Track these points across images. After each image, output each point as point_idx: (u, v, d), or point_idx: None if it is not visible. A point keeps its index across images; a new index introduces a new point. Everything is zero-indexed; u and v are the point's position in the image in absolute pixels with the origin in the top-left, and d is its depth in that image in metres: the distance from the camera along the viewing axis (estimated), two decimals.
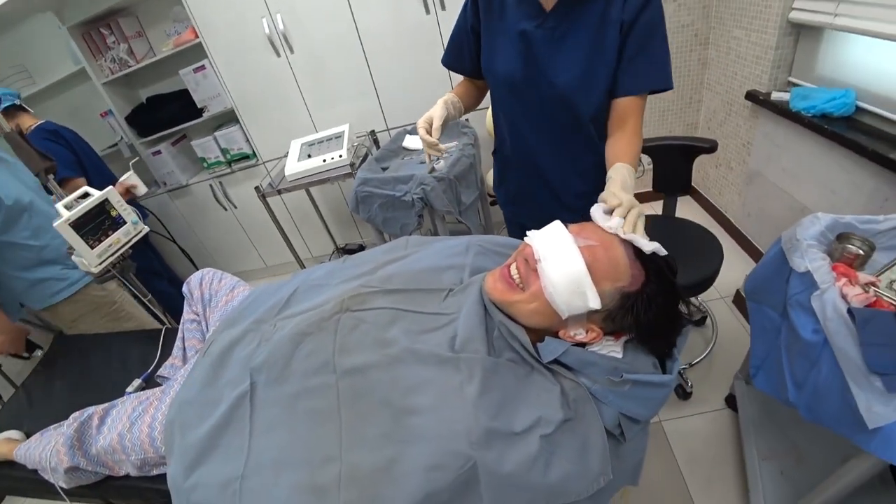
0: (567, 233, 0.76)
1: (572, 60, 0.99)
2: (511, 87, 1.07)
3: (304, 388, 0.79)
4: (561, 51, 0.99)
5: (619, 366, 0.75)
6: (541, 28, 0.98)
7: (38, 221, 1.60)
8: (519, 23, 1.00)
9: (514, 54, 1.02)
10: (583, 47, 0.97)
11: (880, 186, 1.43)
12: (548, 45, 0.99)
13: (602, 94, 1.01)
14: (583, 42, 0.97)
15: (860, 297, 0.91)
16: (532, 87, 1.04)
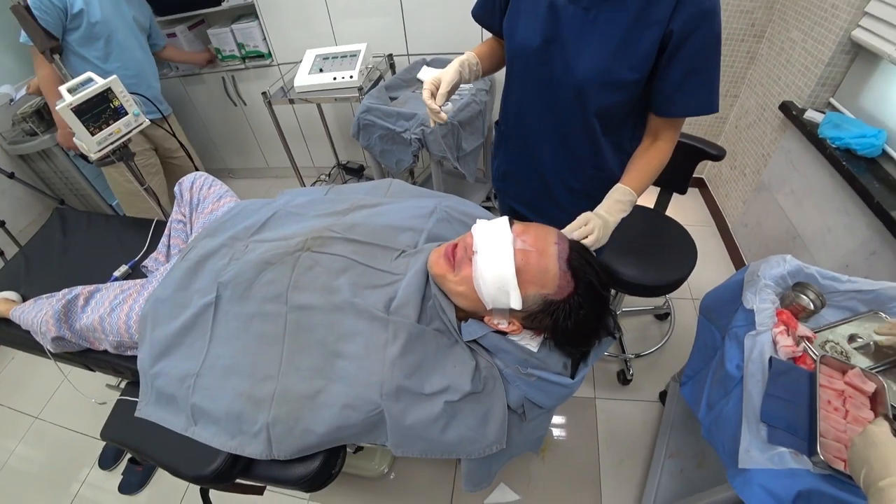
0: (509, 232, 0.80)
1: (597, 49, 0.87)
2: (525, 61, 0.98)
3: (259, 311, 0.91)
4: (588, 35, 0.88)
5: (529, 359, 0.83)
6: (573, 4, 0.87)
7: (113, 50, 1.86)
8: None
9: (537, 25, 0.91)
10: (613, 39, 0.86)
11: (872, 238, 1.42)
12: (576, 25, 0.88)
13: (617, 93, 0.92)
14: (614, 33, 0.85)
15: (788, 349, 0.95)
16: (546, 65, 0.94)
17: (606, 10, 0.85)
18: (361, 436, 0.83)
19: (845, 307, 1.07)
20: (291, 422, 0.82)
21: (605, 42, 0.87)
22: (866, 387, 0.87)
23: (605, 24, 0.86)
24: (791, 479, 0.78)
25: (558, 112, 1.00)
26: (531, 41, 0.93)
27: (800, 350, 0.95)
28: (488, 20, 1.07)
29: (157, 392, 0.96)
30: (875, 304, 1.05)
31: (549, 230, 0.83)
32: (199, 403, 0.89)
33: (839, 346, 1.00)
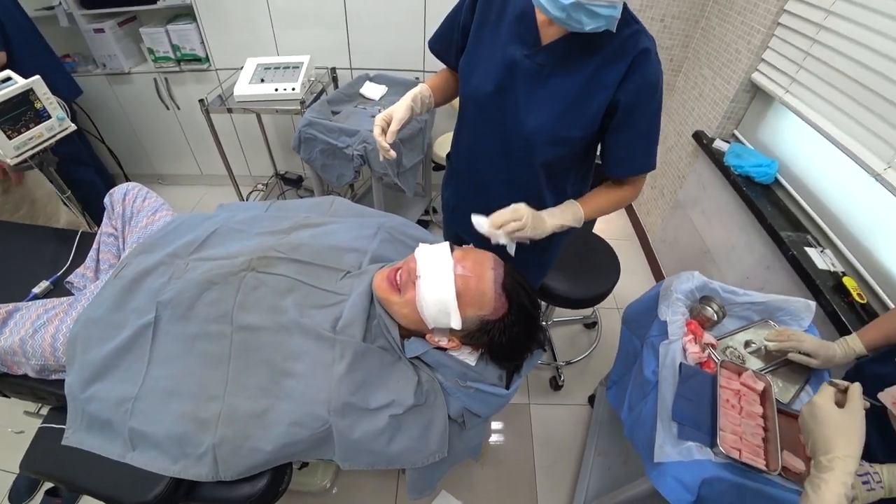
0: (450, 258, 0.85)
1: (547, 107, 0.91)
2: (478, 105, 0.99)
3: (203, 332, 0.90)
4: (540, 91, 0.91)
5: (467, 372, 0.90)
6: (529, 59, 0.89)
7: None
8: (510, 45, 0.91)
9: (493, 75, 0.93)
10: (563, 98, 0.90)
11: (766, 254, 1.62)
12: (530, 80, 0.91)
13: (563, 148, 0.96)
14: (565, 93, 0.89)
15: (695, 355, 1.08)
16: (498, 113, 0.96)
17: (560, 70, 0.89)
18: (309, 452, 0.85)
19: (742, 316, 1.23)
20: (238, 441, 0.82)
21: (556, 100, 0.90)
22: (757, 386, 1.01)
23: (556, 83, 0.90)
24: (697, 469, 0.90)
25: (507, 158, 1.02)
26: (485, 87, 0.95)
27: (705, 356, 1.09)
28: (445, 55, 1.08)
29: (89, 418, 0.90)
30: (766, 314, 1.22)
31: (487, 256, 0.89)
32: (139, 427, 0.86)
33: (737, 350, 1.15)
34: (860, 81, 1.33)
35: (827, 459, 0.65)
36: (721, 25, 1.99)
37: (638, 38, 0.84)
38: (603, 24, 0.76)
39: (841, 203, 1.47)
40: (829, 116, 1.46)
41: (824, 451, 0.67)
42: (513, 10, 0.90)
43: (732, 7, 1.91)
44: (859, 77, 1.34)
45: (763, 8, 1.72)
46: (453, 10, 1.02)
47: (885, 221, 1.32)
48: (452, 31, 1.02)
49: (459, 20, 1.00)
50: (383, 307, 0.90)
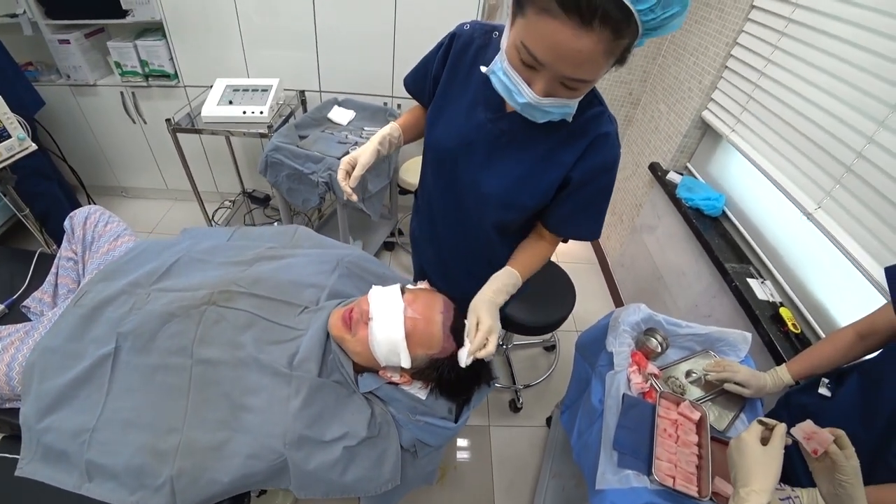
0: (400, 301, 0.90)
1: (503, 173, 0.91)
2: (438, 159, 0.99)
3: (162, 364, 0.91)
4: (498, 158, 0.90)
5: (417, 406, 0.94)
6: (492, 124, 0.89)
7: None
8: (477, 107, 0.90)
9: (456, 132, 0.93)
10: (520, 167, 0.89)
11: (713, 284, 1.71)
12: (489, 144, 0.90)
13: (514, 212, 0.96)
14: (523, 162, 0.89)
15: (638, 386, 1.13)
16: (456, 168, 0.96)
17: (519, 139, 0.88)
18: (266, 482, 0.87)
19: (685, 347, 1.29)
20: (197, 473, 0.83)
21: (511, 168, 0.90)
22: (693, 416, 1.07)
23: (514, 152, 0.89)
24: (633, 496, 0.94)
25: (460, 212, 1.02)
26: (447, 143, 0.95)
27: (647, 386, 1.14)
28: (418, 95, 1.07)
29: (44, 448, 0.89)
30: (707, 344, 1.28)
31: (437, 299, 0.93)
32: (96, 459, 0.85)
33: (679, 380, 1.20)
34: (795, 126, 1.44)
35: (745, 492, 0.72)
36: (675, 64, 2.11)
37: (600, 119, 0.84)
38: (556, 118, 0.76)
39: (780, 237, 1.57)
40: (769, 157, 1.56)
41: (743, 483, 0.73)
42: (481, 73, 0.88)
43: (686, 48, 2.03)
44: (794, 122, 1.44)
45: (713, 51, 1.84)
46: (429, 54, 1.00)
47: (817, 256, 1.41)
48: (425, 76, 1.01)
49: (431, 68, 0.98)
50: (338, 344, 0.94)
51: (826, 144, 1.33)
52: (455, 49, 0.92)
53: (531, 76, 0.69)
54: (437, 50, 0.97)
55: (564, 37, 0.59)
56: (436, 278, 1.20)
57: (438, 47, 0.96)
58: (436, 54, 0.97)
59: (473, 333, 0.86)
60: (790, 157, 1.47)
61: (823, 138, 1.34)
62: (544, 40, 0.62)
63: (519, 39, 0.65)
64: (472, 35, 0.91)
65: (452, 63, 0.93)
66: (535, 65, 0.66)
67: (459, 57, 0.92)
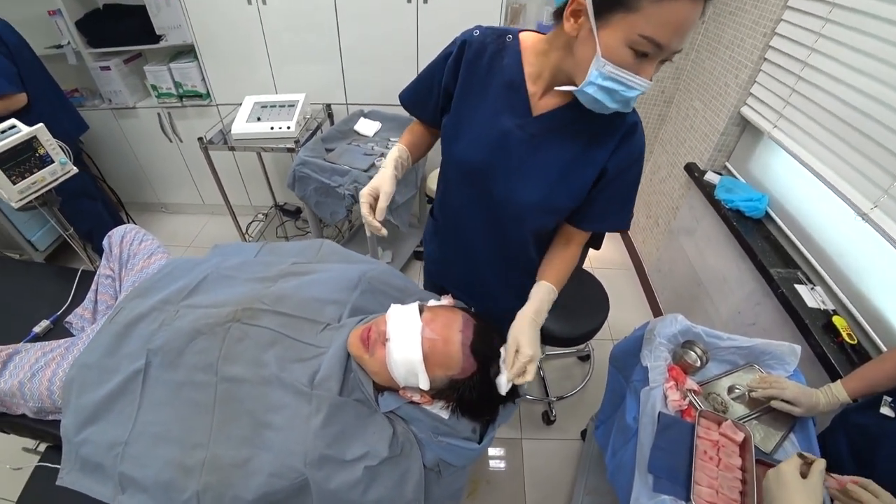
0: (418, 320, 0.87)
1: (539, 178, 0.88)
2: (465, 173, 0.95)
3: (189, 380, 0.94)
4: (532, 163, 0.88)
5: (439, 426, 0.91)
6: (520, 129, 0.86)
7: None
8: (501, 114, 0.87)
9: (484, 145, 0.89)
10: (554, 170, 0.87)
11: (756, 291, 1.60)
12: (521, 151, 0.87)
13: (553, 216, 0.95)
14: (557, 164, 0.87)
15: (676, 403, 1.06)
16: (488, 182, 0.92)
17: (552, 141, 0.86)
18: (289, 500, 0.86)
19: (727, 361, 1.21)
20: (221, 489, 0.84)
21: (547, 172, 0.88)
22: (736, 437, 0.99)
23: (548, 154, 0.87)
24: None
25: (497, 225, 0.99)
26: (474, 157, 0.91)
27: (686, 403, 1.07)
28: (418, 110, 1.03)
29: (82, 460, 0.93)
30: (751, 358, 1.19)
31: (456, 317, 0.90)
32: (128, 472, 0.88)
33: (720, 397, 1.12)
34: (845, 120, 1.33)
35: None
36: (710, 59, 2.00)
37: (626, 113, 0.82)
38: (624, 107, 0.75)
39: (832, 240, 1.45)
40: (816, 153, 1.45)
41: None
42: (500, 79, 0.87)
43: (720, 41, 1.93)
44: (844, 115, 1.34)
45: (749, 43, 1.73)
46: (429, 69, 0.97)
47: (875, 261, 1.30)
48: (430, 89, 0.97)
49: (440, 80, 0.94)
50: (357, 363, 0.93)
51: (882, 138, 1.21)
52: (468, 57, 0.88)
53: (640, 65, 0.68)
54: (443, 60, 0.92)
55: (689, 12, 0.62)
56: (465, 298, 1.16)
57: (445, 57, 0.92)
58: (443, 64, 0.92)
59: (511, 360, 0.85)
60: (841, 152, 1.36)
61: (878, 131, 1.22)
62: (671, 24, 0.63)
63: (635, 34, 0.64)
64: (483, 41, 0.88)
65: (467, 71, 0.89)
66: (652, 52, 0.66)
67: (474, 64, 0.88)
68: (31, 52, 2.03)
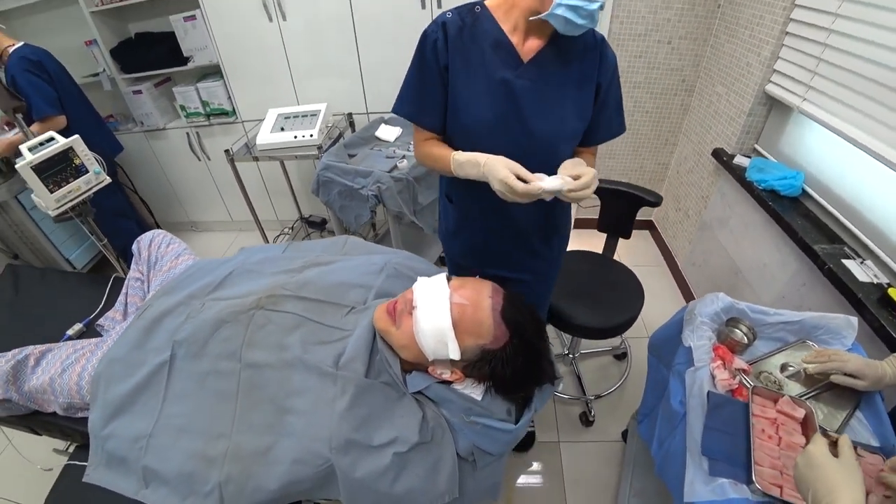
0: (446, 287, 0.85)
1: (554, 112, 0.99)
2: (483, 134, 0.99)
3: (214, 369, 0.92)
4: (542, 101, 0.98)
5: (472, 407, 0.87)
6: (521, 78, 0.96)
7: None
8: (497, 71, 0.96)
9: (493, 101, 0.97)
10: (565, 101, 0.99)
11: (801, 271, 1.52)
12: (529, 94, 0.97)
13: (573, 141, 1.05)
14: (565, 96, 0.99)
15: (725, 382, 1.00)
16: (505, 135, 0.99)
17: (551, 78, 0.97)
18: (314, 491, 0.83)
19: (776, 338, 1.14)
20: (243, 479, 0.81)
21: (558, 104, 0.99)
22: (796, 413, 0.92)
23: (555, 91, 0.98)
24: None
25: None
26: (487, 115, 0.97)
27: (736, 382, 1.00)
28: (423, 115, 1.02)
29: (107, 455, 0.92)
30: (802, 334, 1.12)
31: (485, 284, 0.88)
32: (151, 465, 0.87)
33: (773, 375, 1.05)
34: (879, 81, 1.27)
35: None
36: (730, 41, 1.97)
37: (592, 31, 0.97)
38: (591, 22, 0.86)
39: (878, 210, 1.37)
40: (851, 120, 1.39)
41: (829, 498, 0.63)
42: (484, 43, 0.97)
43: (738, 22, 1.89)
44: (877, 77, 1.28)
45: (769, 19, 1.69)
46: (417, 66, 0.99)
47: None
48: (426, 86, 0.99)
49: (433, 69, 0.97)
50: (384, 341, 0.90)
51: None
52: (451, 34, 0.96)
53: None
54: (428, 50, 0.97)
55: None
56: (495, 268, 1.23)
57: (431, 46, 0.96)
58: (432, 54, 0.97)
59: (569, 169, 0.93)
60: (877, 115, 1.29)
61: None
62: None
63: None
64: (459, 18, 0.97)
65: (455, 46, 0.97)
66: None
67: (458, 39, 0.97)
68: (70, 78, 2.16)
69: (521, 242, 1.21)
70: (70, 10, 2.35)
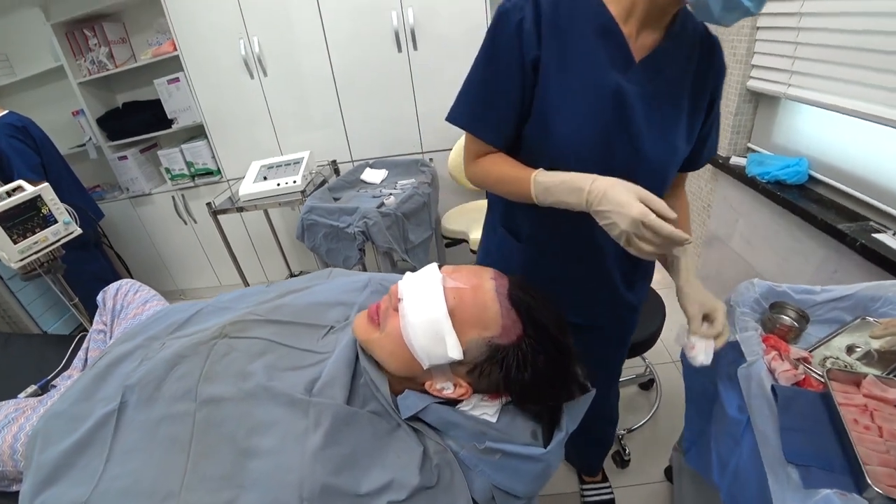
0: (437, 272, 0.70)
1: (666, 132, 0.77)
2: (587, 154, 0.76)
3: (167, 414, 0.73)
4: (654, 115, 0.76)
5: (486, 431, 0.67)
6: (629, 83, 0.73)
7: None
8: (608, 73, 0.72)
9: (598, 111, 0.74)
10: (678, 116, 0.78)
11: (829, 257, 1.40)
12: (640, 107, 0.74)
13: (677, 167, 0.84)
14: (679, 109, 0.77)
15: (788, 374, 0.84)
16: (613, 155, 0.76)
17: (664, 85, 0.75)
18: None
19: (830, 319, 0.99)
20: None
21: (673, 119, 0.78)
22: (889, 394, 0.75)
23: (667, 101, 0.77)
24: None
25: None
26: (584, 130, 0.75)
27: (801, 372, 0.84)
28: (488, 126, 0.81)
29: None
30: (859, 310, 0.97)
31: (485, 269, 0.73)
32: None
33: (839, 360, 0.90)
34: (861, 47, 1.25)
35: None
36: None
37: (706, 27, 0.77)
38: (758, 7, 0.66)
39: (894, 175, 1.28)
40: (842, 92, 1.35)
41: None
42: (586, 28, 0.73)
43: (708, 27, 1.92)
44: (858, 43, 1.25)
45: None
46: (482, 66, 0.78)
47: None
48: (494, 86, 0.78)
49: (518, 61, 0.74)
50: (370, 358, 0.73)
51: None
52: (545, 13, 0.71)
53: None
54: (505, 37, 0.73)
55: None
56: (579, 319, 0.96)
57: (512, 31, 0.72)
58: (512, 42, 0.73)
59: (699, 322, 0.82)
60: (870, 80, 1.24)
61: None
62: None
63: None
64: None
65: (550, 32, 0.72)
66: None
67: (553, 20, 0.72)
68: (54, 147, 2.17)
69: (602, 284, 0.97)
70: (60, 84, 2.42)
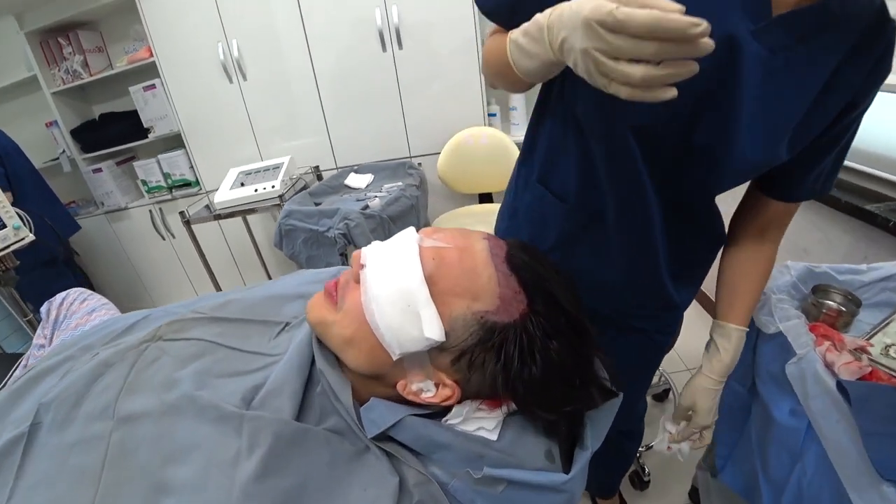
0: (414, 233, 0.55)
1: (777, 120, 0.55)
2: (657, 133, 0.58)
3: (81, 438, 0.57)
4: (769, 92, 0.53)
5: (484, 452, 0.49)
6: (757, 40, 0.51)
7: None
8: (727, 14, 0.51)
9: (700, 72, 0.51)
10: (802, 102, 0.54)
11: (857, 243, 1.26)
12: (755, 74, 0.52)
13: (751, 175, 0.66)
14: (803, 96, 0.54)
15: (851, 367, 0.68)
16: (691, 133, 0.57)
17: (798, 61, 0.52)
18: None
19: (881, 302, 0.85)
20: None
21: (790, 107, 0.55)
22: None
23: (798, 78, 0.53)
24: None
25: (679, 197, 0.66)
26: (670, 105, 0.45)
27: (866, 365, 0.69)
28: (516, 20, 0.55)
29: None
30: None
31: (475, 231, 0.57)
32: None
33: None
34: None
35: None
36: None
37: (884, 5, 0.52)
38: None
39: None
40: None
41: None
42: None
43: None
44: None
45: None
46: None
47: None
48: None
49: None
50: (328, 352, 0.57)
51: None
52: None
53: None
54: None
55: None
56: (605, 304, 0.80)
57: None
58: None
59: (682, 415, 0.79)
60: None
61: None
62: None
63: None
64: None
65: None
66: None
67: None
68: (23, 158, 2.07)
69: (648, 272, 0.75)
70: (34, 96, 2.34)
